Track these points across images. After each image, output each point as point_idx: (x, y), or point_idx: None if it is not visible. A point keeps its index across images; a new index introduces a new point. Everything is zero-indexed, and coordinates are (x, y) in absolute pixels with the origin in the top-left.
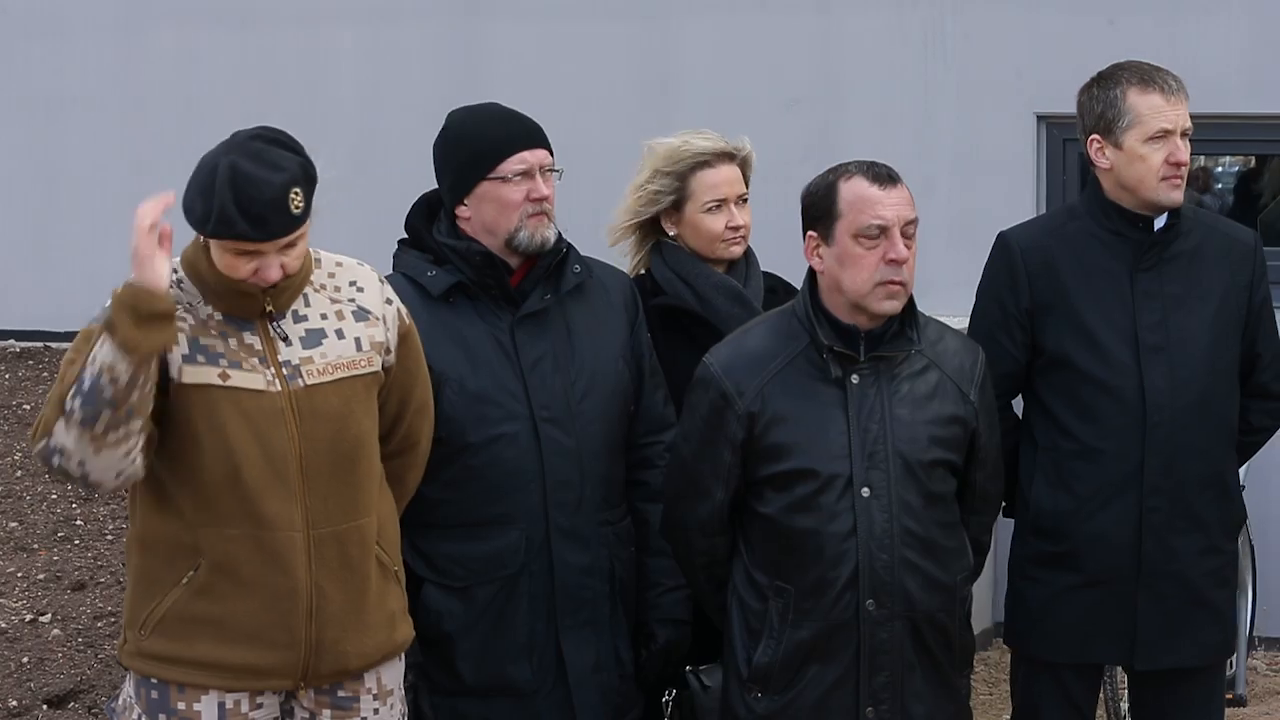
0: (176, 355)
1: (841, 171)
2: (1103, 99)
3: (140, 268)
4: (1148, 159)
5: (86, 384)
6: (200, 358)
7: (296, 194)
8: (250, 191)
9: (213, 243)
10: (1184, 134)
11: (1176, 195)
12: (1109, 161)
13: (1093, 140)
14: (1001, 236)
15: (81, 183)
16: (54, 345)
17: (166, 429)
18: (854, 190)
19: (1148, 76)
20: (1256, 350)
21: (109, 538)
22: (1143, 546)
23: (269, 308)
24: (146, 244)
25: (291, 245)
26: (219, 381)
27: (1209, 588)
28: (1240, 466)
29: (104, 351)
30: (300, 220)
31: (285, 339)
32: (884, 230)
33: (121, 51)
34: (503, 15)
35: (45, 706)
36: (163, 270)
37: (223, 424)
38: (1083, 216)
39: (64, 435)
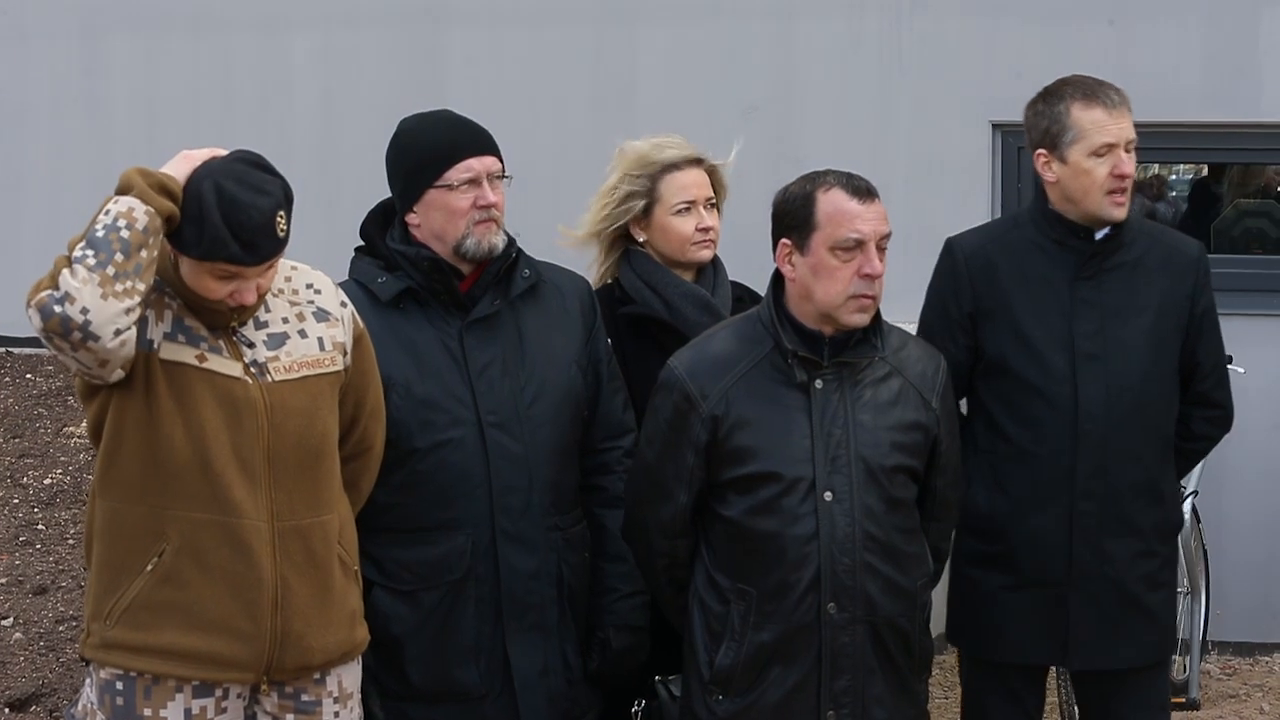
0: (160, 330)
1: (820, 182)
2: (1048, 114)
3: (173, 163)
4: (1092, 173)
5: (100, 232)
6: (181, 337)
7: (281, 217)
8: (240, 216)
9: (191, 265)
10: (1128, 146)
11: (1119, 212)
12: (1055, 175)
13: (1039, 154)
14: (948, 242)
15: (42, 189)
16: (15, 351)
17: (139, 401)
18: (833, 202)
19: (1090, 91)
20: (1197, 359)
21: (70, 542)
22: (1074, 549)
23: (234, 323)
24: (192, 155)
25: (270, 266)
26: (195, 363)
27: (1142, 591)
28: (1185, 474)
29: (119, 204)
30: (284, 243)
31: (250, 344)
32: (860, 244)
33: (81, 58)
34: (461, 21)
35: (7, 710)
36: (185, 174)
37: (195, 405)
38: (1026, 225)
39: (71, 280)
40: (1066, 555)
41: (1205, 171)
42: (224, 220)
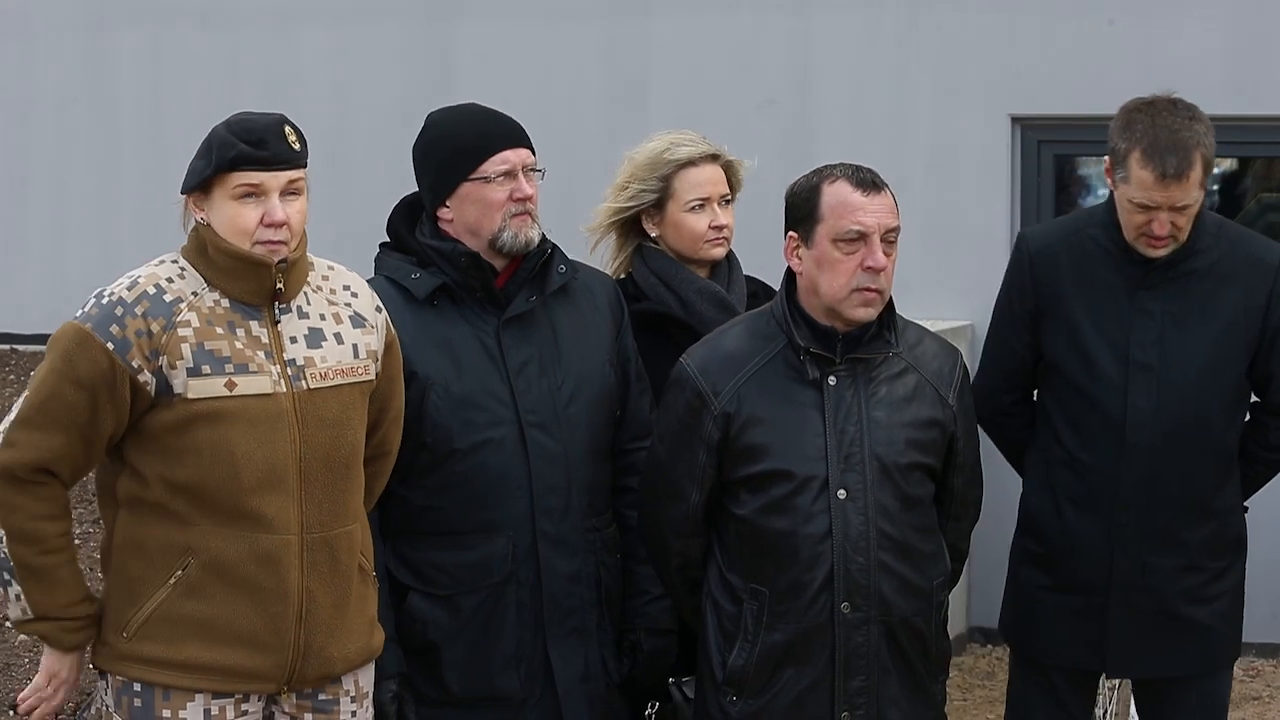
0: (181, 371)
1: (826, 174)
2: (1117, 140)
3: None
4: (1130, 216)
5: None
6: (206, 367)
7: (290, 130)
8: (246, 124)
9: (216, 205)
10: (1172, 208)
11: (1153, 254)
12: (1112, 190)
13: (1106, 164)
14: (1020, 235)
15: (47, 184)
16: (20, 348)
17: (163, 441)
18: (837, 194)
19: (1151, 151)
20: (1271, 370)
21: (77, 542)
22: (1114, 558)
23: (279, 284)
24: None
25: (294, 194)
26: (226, 392)
27: (1184, 604)
28: (1264, 483)
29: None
30: (298, 156)
31: (292, 339)
32: (864, 236)
33: (88, 52)
34: (473, 14)
35: (11, 712)
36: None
37: (226, 431)
38: (1096, 226)
39: None
40: (1107, 564)
41: (1233, 165)
42: (228, 129)
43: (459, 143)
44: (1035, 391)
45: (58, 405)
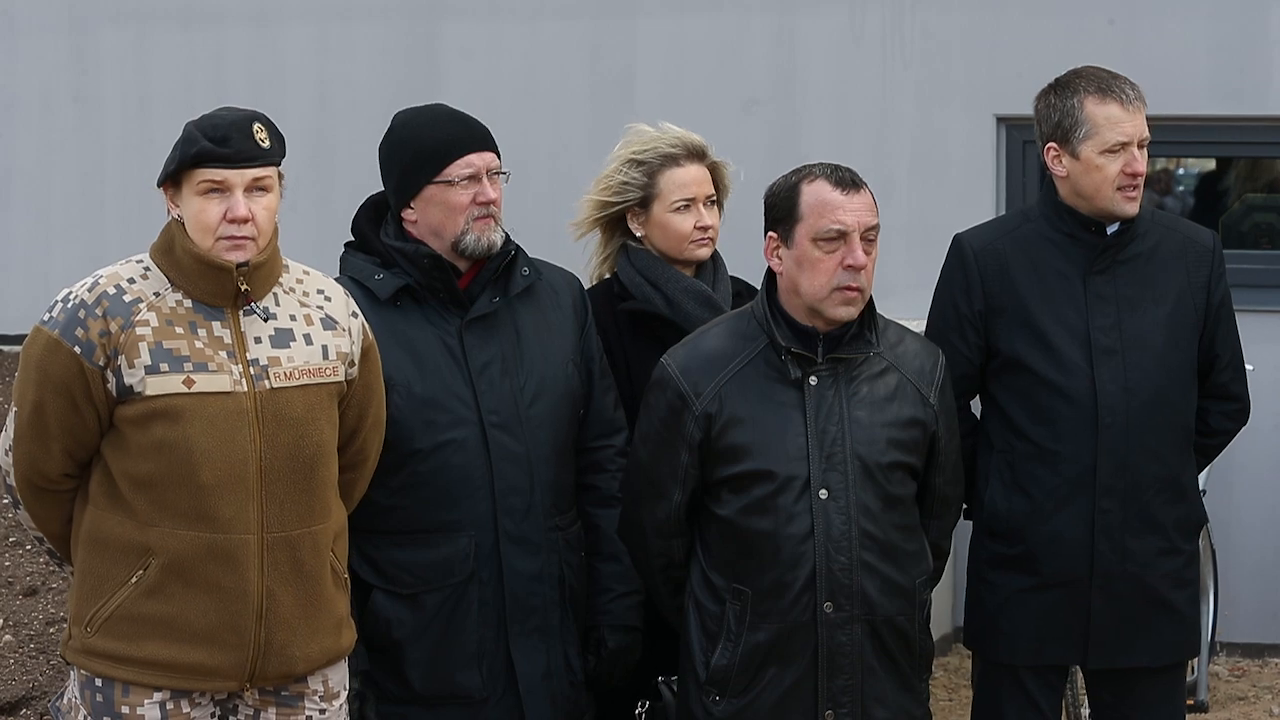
0: (139, 370)
1: (805, 174)
2: (1060, 107)
3: None
4: (1104, 169)
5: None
6: (164, 365)
7: (260, 128)
8: (213, 120)
9: (185, 201)
10: (1141, 143)
11: (1131, 208)
12: (1065, 170)
13: (1050, 148)
14: (956, 239)
15: (30, 183)
16: (4, 348)
17: (126, 435)
18: (816, 193)
19: (1105, 86)
20: (1215, 351)
21: None
22: (1096, 547)
23: (244, 286)
24: None
25: (261, 190)
26: (184, 389)
27: (1166, 588)
28: (1202, 470)
29: None
30: (266, 154)
31: (256, 339)
32: (843, 235)
33: (72, 51)
34: (457, 14)
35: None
36: None
37: (185, 429)
38: (1037, 219)
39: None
40: (1089, 554)
41: (1214, 165)
42: (197, 125)
43: (423, 145)
44: (970, 402)
45: (44, 415)
